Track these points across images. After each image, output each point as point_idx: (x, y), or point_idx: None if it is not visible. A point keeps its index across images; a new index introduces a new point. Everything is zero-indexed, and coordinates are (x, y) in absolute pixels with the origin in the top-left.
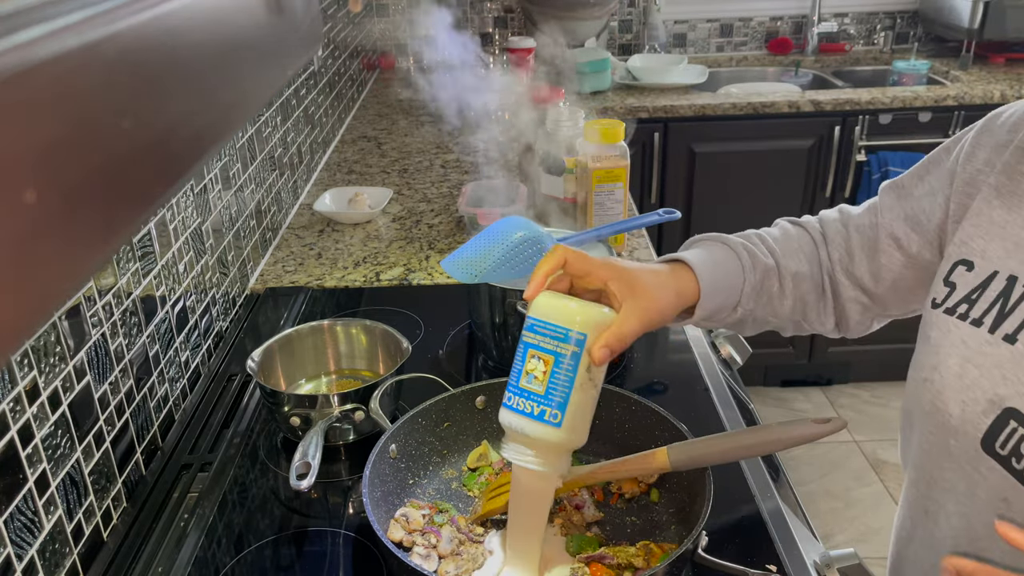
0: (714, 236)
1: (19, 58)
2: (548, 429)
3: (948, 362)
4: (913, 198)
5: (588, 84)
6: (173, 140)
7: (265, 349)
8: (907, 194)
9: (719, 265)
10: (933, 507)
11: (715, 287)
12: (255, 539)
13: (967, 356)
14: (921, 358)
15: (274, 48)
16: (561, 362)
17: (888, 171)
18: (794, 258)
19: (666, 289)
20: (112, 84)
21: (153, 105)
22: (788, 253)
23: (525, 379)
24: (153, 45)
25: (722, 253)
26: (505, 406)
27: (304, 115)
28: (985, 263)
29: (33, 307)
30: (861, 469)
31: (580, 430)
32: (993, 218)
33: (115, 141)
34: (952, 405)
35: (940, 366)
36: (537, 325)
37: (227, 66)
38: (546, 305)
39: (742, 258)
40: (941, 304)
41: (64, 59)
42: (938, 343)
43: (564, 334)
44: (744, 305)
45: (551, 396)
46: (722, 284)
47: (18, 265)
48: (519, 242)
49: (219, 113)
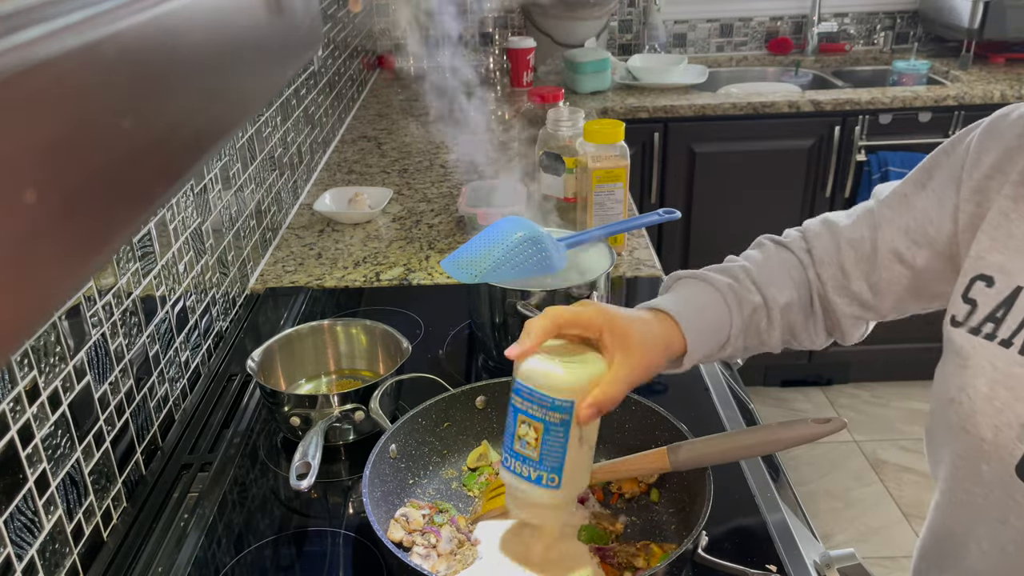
0: (697, 275)
1: (19, 58)
2: (547, 492)
3: (976, 383)
4: (916, 209)
5: (588, 84)
6: (173, 140)
7: (265, 349)
8: (908, 205)
9: (705, 311)
10: (961, 530)
11: (702, 336)
12: (255, 539)
13: (996, 379)
14: (947, 377)
15: (274, 48)
16: (551, 430)
17: (888, 171)
18: (781, 287)
19: (656, 344)
20: (112, 84)
21: (153, 105)
22: (774, 281)
23: (518, 444)
24: (153, 45)
25: (706, 296)
26: (504, 467)
27: (304, 115)
28: (1006, 278)
29: (33, 307)
30: (861, 469)
31: (580, 482)
32: (1012, 231)
33: (115, 141)
34: (984, 429)
35: (967, 387)
36: (524, 391)
37: (227, 66)
38: (532, 371)
39: (728, 300)
40: (963, 323)
41: (64, 59)
42: (963, 364)
43: (551, 402)
44: (732, 344)
45: (545, 461)
46: (709, 330)
47: (18, 265)
48: (519, 242)
49: (219, 113)
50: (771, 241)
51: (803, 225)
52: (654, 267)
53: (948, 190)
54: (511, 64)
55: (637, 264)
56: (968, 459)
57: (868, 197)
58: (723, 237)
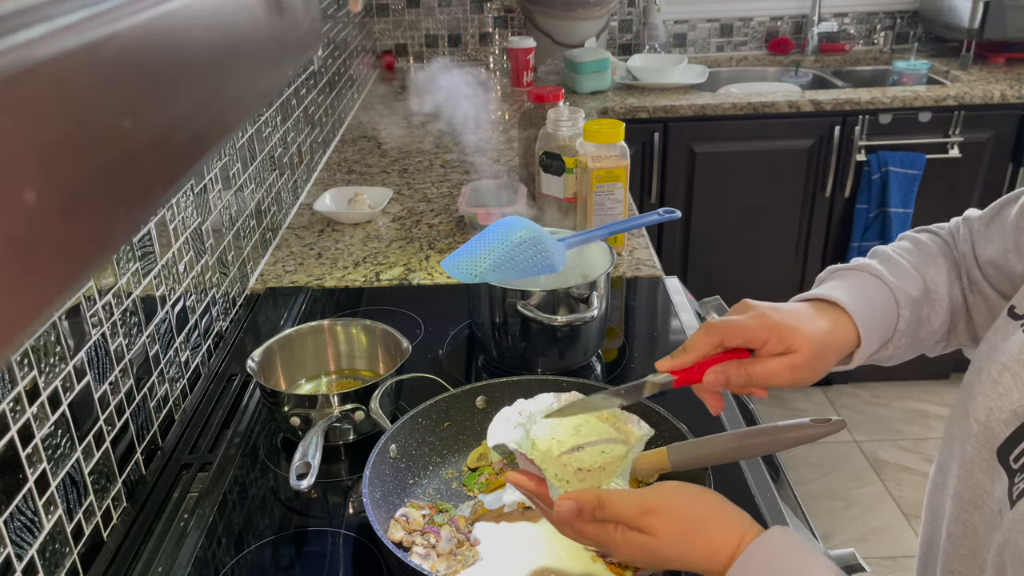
0: (863, 267)
1: (19, 58)
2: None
3: (991, 368)
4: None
5: (588, 84)
6: (173, 140)
7: (265, 349)
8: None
9: (877, 312)
10: (941, 509)
11: (874, 334)
12: (255, 539)
13: (1007, 364)
14: (975, 361)
15: (274, 48)
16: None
17: (888, 171)
18: (937, 268)
19: (827, 351)
20: (112, 84)
21: (153, 105)
22: (928, 264)
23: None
24: (153, 45)
25: (876, 292)
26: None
27: (304, 115)
28: None
29: (33, 307)
30: (861, 469)
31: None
32: None
33: (115, 141)
34: (980, 412)
35: (983, 371)
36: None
37: (227, 66)
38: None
39: (899, 299)
40: (1022, 317)
41: (64, 59)
42: (992, 349)
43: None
44: (895, 343)
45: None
46: (879, 328)
47: (18, 265)
48: (519, 242)
49: (219, 113)
50: (914, 232)
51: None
52: (654, 267)
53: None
54: (511, 64)
55: (637, 264)
56: (959, 440)
57: (868, 197)
58: (723, 237)
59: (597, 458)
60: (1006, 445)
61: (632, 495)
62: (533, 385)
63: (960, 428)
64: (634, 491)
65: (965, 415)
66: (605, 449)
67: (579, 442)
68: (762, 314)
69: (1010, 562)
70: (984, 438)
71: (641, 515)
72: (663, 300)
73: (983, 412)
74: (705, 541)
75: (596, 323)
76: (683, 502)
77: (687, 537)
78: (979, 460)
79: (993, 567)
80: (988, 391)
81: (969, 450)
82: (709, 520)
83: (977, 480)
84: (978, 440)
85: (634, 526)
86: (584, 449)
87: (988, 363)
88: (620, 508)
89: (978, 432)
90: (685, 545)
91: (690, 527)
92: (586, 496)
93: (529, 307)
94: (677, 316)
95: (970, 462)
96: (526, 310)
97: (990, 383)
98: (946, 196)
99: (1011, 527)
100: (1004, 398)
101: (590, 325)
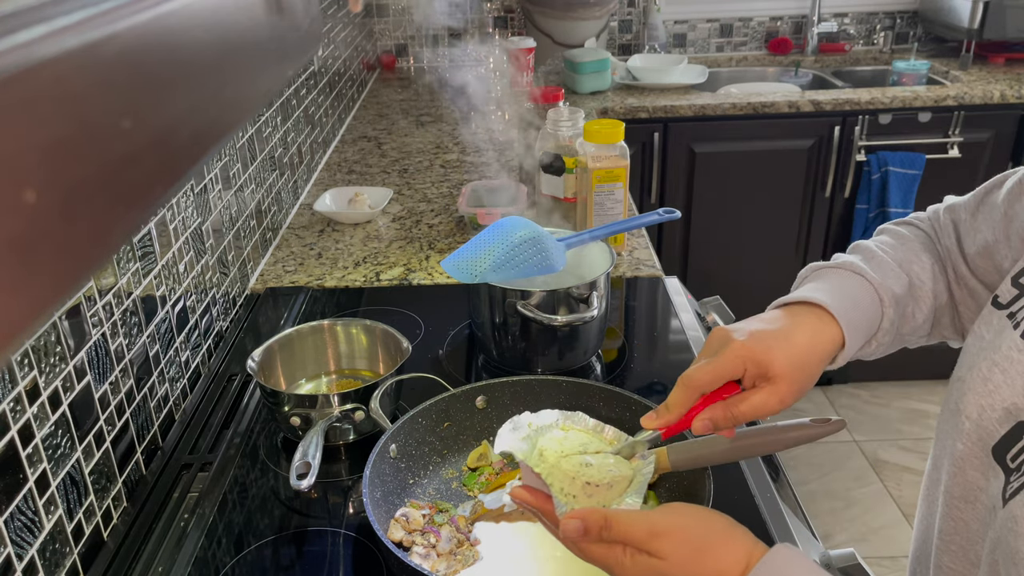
0: (845, 264)
1: (19, 58)
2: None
3: (981, 364)
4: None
5: (588, 84)
6: (173, 140)
7: (265, 349)
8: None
9: (861, 311)
10: (935, 507)
11: (857, 334)
12: (255, 539)
13: (997, 360)
14: (964, 356)
15: (274, 48)
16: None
17: (888, 171)
18: (921, 263)
19: (810, 362)
20: (112, 84)
21: (153, 105)
22: (912, 259)
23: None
24: (153, 45)
25: (860, 291)
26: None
27: (304, 115)
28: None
29: (33, 307)
30: (861, 469)
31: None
32: None
33: (115, 141)
34: (971, 409)
35: (975, 367)
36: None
37: (227, 66)
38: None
39: (883, 296)
40: (1005, 307)
41: (64, 59)
42: (983, 344)
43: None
44: (878, 340)
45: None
46: (863, 328)
47: (18, 265)
48: (519, 242)
49: (219, 113)
50: (894, 225)
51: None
52: (654, 267)
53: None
54: (511, 64)
55: (637, 264)
56: (950, 436)
57: (867, 197)
58: (723, 237)
59: (605, 475)
60: (1002, 443)
61: (639, 516)
62: (533, 385)
63: (951, 424)
64: (641, 512)
65: (956, 412)
66: (613, 467)
67: (587, 458)
68: (737, 345)
69: (1001, 560)
70: (977, 436)
71: (650, 538)
72: (663, 300)
73: (975, 410)
74: (714, 562)
75: (596, 323)
76: (691, 524)
77: (697, 560)
78: (971, 457)
79: (987, 564)
80: (979, 388)
81: (960, 447)
82: (717, 542)
83: (969, 477)
84: (970, 438)
85: (643, 549)
86: (592, 465)
87: (978, 359)
88: (627, 529)
89: (970, 430)
90: (695, 567)
91: (700, 550)
92: (592, 516)
93: (529, 307)
94: (677, 316)
95: (962, 459)
96: (526, 310)
97: (980, 380)
98: (946, 196)
99: (1002, 525)
100: (995, 395)
101: (590, 325)
